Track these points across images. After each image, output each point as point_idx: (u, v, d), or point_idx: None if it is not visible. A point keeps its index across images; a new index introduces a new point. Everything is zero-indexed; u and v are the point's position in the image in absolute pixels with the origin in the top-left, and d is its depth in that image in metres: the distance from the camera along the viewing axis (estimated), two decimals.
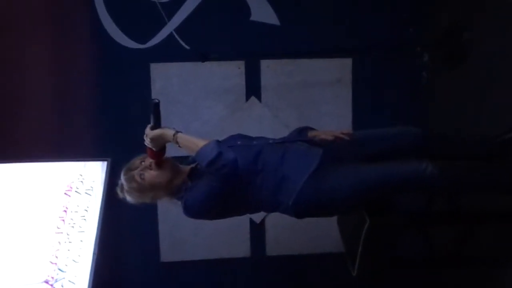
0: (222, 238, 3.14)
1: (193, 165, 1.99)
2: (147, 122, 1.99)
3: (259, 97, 3.08)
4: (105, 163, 2.65)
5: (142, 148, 2.04)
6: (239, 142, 1.94)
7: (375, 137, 2.00)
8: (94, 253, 2.41)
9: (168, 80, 3.01)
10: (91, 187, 2.59)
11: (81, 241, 2.45)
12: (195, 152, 1.82)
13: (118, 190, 1.94)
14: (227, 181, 1.79)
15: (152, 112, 1.83)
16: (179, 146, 1.86)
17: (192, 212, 1.90)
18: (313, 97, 3.08)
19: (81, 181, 2.59)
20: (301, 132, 2.08)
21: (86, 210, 2.51)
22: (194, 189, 1.87)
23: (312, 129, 2.11)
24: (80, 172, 2.60)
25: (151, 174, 1.88)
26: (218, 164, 1.76)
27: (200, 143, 1.82)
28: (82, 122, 2.92)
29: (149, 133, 1.86)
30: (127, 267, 3.11)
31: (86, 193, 2.57)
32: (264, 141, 1.96)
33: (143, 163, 1.91)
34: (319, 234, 3.08)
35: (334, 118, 3.06)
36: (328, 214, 2.00)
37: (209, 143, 1.81)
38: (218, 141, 1.84)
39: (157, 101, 1.80)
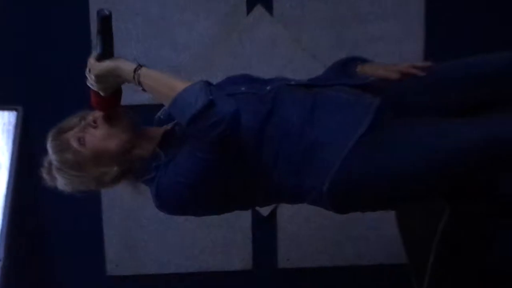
0: (207, 241, 3.17)
1: (167, 126, 1.96)
2: (86, 50, 1.99)
3: (269, 8, 3.03)
4: (14, 113, 2.79)
5: (75, 97, 2.05)
6: (243, 88, 1.91)
7: (471, 72, 1.96)
8: None
9: None
10: None
11: None
12: (169, 99, 1.76)
13: (44, 172, 1.92)
14: (223, 151, 1.75)
15: (98, 31, 1.78)
16: (143, 89, 1.81)
17: (169, 203, 1.87)
18: (359, 9, 3.02)
19: None
20: (345, 68, 2.06)
21: None
22: (171, 165, 1.83)
23: (362, 61, 2.07)
24: None
25: (96, 136, 1.86)
26: (208, 121, 1.70)
27: (179, 84, 1.76)
28: None
29: (95, 67, 1.81)
30: (55, 281, 3.19)
31: None
32: (283, 84, 1.93)
33: (83, 121, 1.88)
34: (360, 236, 3.13)
35: (393, 43, 3.01)
36: (385, 204, 1.96)
37: (192, 86, 1.75)
38: (207, 83, 1.78)
39: (107, 13, 1.75)
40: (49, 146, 1.90)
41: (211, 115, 1.70)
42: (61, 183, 1.91)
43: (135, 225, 3.11)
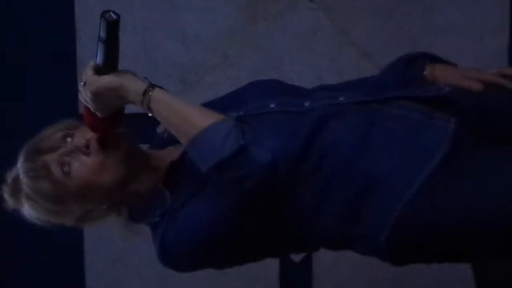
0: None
1: (173, 154, 1.94)
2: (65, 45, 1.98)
3: None
4: None
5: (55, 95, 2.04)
6: (272, 105, 1.86)
7: None
8: None
9: None
10: None
11: None
12: (187, 136, 1.75)
13: (7, 192, 1.90)
14: (252, 208, 1.75)
15: (101, 40, 1.77)
16: (151, 115, 1.79)
17: (178, 263, 1.86)
18: None
19: None
20: (408, 70, 2.02)
21: None
22: (181, 215, 1.82)
23: (432, 59, 2.01)
24: None
25: (87, 166, 1.83)
26: (236, 172, 1.70)
27: (200, 119, 1.74)
28: None
29: (92, 82, 1.78)
30: None
31: None
32: (327, 99, 1.87)
33: (69, 139, 1.86)
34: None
35: (468, 36, 3.02)
36: (458, 257, 1.93)
37: (218, 124, 1.73)
38: (239, 121, 1.76)
39: (114, 17, 1.75)
40: (21, 167, 1.86)
41: (241, 166, 1.68)
42: (29, 213, 1.87)
43: (126, 270, 3.10)
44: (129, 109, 1.93)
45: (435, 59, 2.02)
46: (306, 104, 1.85)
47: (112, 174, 1.84)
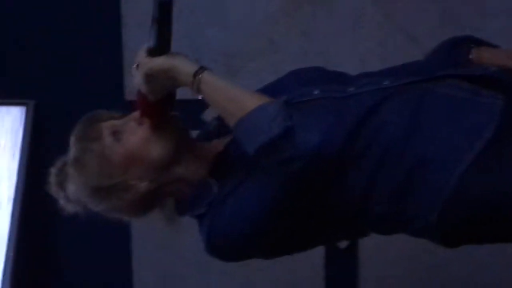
0: (265, 280, 3.14)
1: (219, 145, 1.96)
2: (114, 34, 2.11)
3: None
4: (23, 109, 2.91)
5: (99, 89, 2.31)
6: (316, 92, 1.87)
7: None
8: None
9: None
10: None
11: None
12: (234, 118, 1.77)
13: (52, 174, 1.93)
14: (300, 190, 1.76)
15: (155, 20, 1.79)
16: (200, 97, 1.81)
17: (225, 253, 1.88)
18: None
19: None
20: (454, 53, 2.01)
21: None
22: (228, 204, 1.83)
23: (478, 43, 2.02)
24: None
25: (138, 135, 1.87)
26: (283, 154, 1.70)
27: (248, 101, 1.76)
28: None
29: (146, 63, 1.81)
30: None
31: None
32: (372, 84, 1.88)
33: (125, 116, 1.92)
34: (466, 278, 3.07)
35: None
36: None
37: (266, 105, 1.74)
38: (287, 103, 1.76)
39: None
40: (74, 134, 1.89)
41: (288, 147, 1.68)
42: (71, 187, 1.89)
43: (172, 255, 3.11)
44: (177, 94, 1.94)
45: (480, 43, 2.02)
46: (351, 89, 1.85)
47: (159, 149, 1.85)
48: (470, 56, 1.97)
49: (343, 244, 3.05)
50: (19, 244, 2.77)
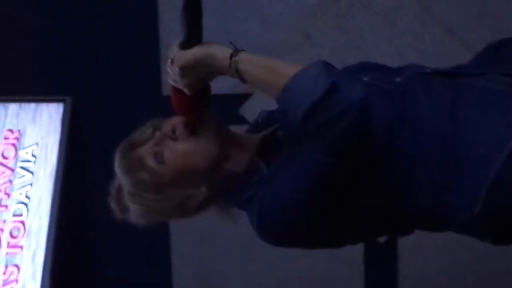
0: (304, 275, 3.16)
1: (266, 131, 1.94)
2: (150, 31, 2.04)
3: None
4: (61, 105, 2.95)
5: (135, 86, 2.24)
6: (365, 79, 1.88)
7: None
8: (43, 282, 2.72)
9: None
10: (33, 154, 2.92)
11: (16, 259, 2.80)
12: (278, 88, 1.74)
13: (113, 201, 1.93)
14: (348, 152, 1.73)
15: (184, 10, 1.78)
16: (243, 81, 1.79)
17: (274, 230, 1.84)
18: None
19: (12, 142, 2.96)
20: (498, 53, 2.00)
21: (28, 198, 2.87)
22: (276, 178, 1.81)
23: None
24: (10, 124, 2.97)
25: (178, 150, 1.86)
26: (331, 110, 1.67)
27: (288, 69, 1.74)
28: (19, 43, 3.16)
29: (180, 56, 1.80)
30: None
31: (22, 166, 2.91)
32: (415, 73, 1.90)
33: (157, 132, 1.88)
34: (510, 272, 3.08)
35: None
36: None
37: (307, 68, 1.72)
38: (327, 63, 1.74)
39: None
40: (118, 166, 1.89)
41: (336, 102, 1.66)
42: (135, 213, 1.89)
43: (210, 251, 3.16)
44: (212, 90, 1.91)
45: None
46: (398, 79, 1.85)
47: (205, 155, 1.85)
48: None
49: (382, 238, 2.99)
50: (59, 238, 2.80)
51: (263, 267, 3.15)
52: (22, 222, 2.81)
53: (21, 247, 2.80)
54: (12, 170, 2.89)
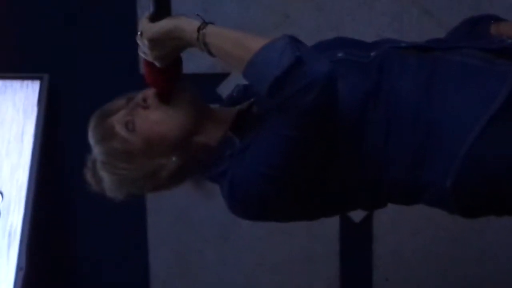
0: (281, 253, 3.18)
1: (241, 106, 1.95)
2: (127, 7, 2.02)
3: None
4: (37, 83, 2.92)
5: (116, 61, 2.28)
6: (340, 55, 1.88)
7: None
8: (19, 269, 2.64)
9: None
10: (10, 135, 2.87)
11: None
12: (244, 62, 1.74)
13: (89, 174, 1.94)
14: (315, 125, 1.73)
15: None
16: (211, 54, 1.79)
17: (245, 204, 1.84)
18: None
19: None
20: (474, 29, 2.04)
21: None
22: (248, 152, 1.82)
23: (498, 20, 2.03)
24: None
25: (148, 119, 1.87)
26: (296, 84, 1.68)
27: (255, 43, 1.74)
28: None
29: (148, 29, 1.81)
30: None
31: None
32: (391, 46, 1.89)
33: (131, 103, 1.89)
34: (482, 252, 3.09)
35: None
36: None
37: (273, 42, 1.72)
38: (293, 38, 1.74)
39: None
40: (91, 135, 1.89)
41: (300, 77, 1.66)
42: (108, 184, 1.90)
43: (187, 230, 3.15)
44: (190, 68, 1.92)
45: (499, 19, 2.01)
46: (372, 54, 1.85)
47: (175, 125, 1.86)
48: (490, 31, 1.97)
49: (357, 218, 3.07)
50: (35, 214, 2.77)
51: (240, 246, 3.16)
52: None
53: None
54: None
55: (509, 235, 2.96)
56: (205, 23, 1.75)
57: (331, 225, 3.10)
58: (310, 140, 1.74)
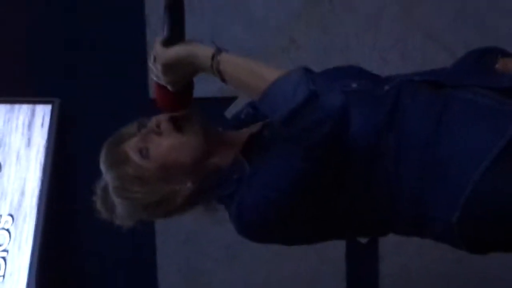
0: (288, 274, 3.18)
1: (252, 129, 1.96)
2: (138, 32, 2.10)
3: None
4: (49, 106, 2.95)
5: (124, 88, 2.29)
6: (354, 85, 1.90)
7: None
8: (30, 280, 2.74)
9: None
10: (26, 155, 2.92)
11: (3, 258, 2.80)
12: (259, 92, 1.74)
13: (99, 201, 1.93)
14: (326, 158, 1.73)
15: (166, 8, 1.78)
16: (224, 81, 1.79)
17: (253, 227, 1.84)
18: None
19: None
20: (481, 62, 2.01)
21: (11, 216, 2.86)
22: (257, 177, 1.81)
23: (506, 55, 2.01)
24: None
25: (163, 146, 1.86)
26: (310, 117, 1.68)
27: (270, 73, 1.74)
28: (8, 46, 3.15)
29: (162, 54, 1.80)
30: None
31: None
32: (403, 81, 1.90)
33: (142, 130, 1.89)
34: (487, 273, 3.08)
35: None
36: None
37: (289, 74, 1.72)
38: (307, 70, 1.75)
39: None
40: (103, 161, 1.89)
41: (314, 111, 1.67)
42: (120, 209, 1.90)
43: (195, 251, 3.17)
44: (200, 92, 1.92)
45: (507, 54, 2.01)
46: (386, 87, 1.86)
47: (189, 151, 1.86)
48: (496, 66, 1.97)
49: (364, 239, 3.04)
50: (45, 237, 2.80)
51: (248, 266, 3.16)
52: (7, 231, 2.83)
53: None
54: None
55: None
56: (219, 50, 1.76)
57: (338, 246, 3.10)
58: (319, 171, 1.74)
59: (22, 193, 2.87)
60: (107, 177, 1.89)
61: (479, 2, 2.96)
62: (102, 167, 1.90)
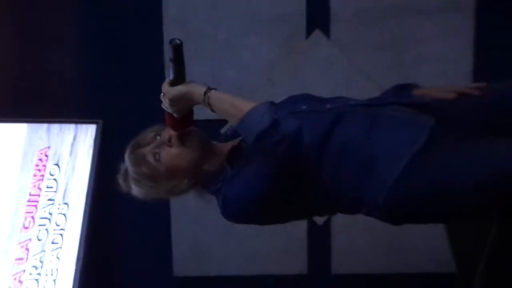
0: (266, 247, 3.28)
1: (234, 142, 2.02)
2: (160, 69, 2.11)
3: (327, 32, 3.13)
4: (94, 126, 2.96)
5: (148, 111, 2.12)
6: (304, 107, 1.95)
7: None
8: (78, 259, 2.68)
9: (188, 3, 3.15)
10: (72, 163, 2.85)
11: (58, 243, 2.72)
12: (237, 119, 1.83)
13: (120, 179, 2.00)
14: (286, 166, 1.81)
15: (171, 59, 1.83)
16: (212, 110, 1.88)
17: (234, 213, 1.92)
18: (412, 32, 3.07)
19: (57, 155, 2.85)
20: (401, 91, 2.09)
21: (66, 204, 2.80)
22: (237, 178, 1.89)
23: (417, 86, 2.11)
24: (53, 142, 2.87)
25: (171, 154, 1.92)
26: (272, 138, 1.76)
27: (245, 106, 1.82)
28: (58, 72, 3.20)
29: (168, 91, 1.87)
30: (126, 280, 3.35)
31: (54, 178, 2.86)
32: (343, 104, 1.96)
33: (158, 137, 1.95)
34: (410, 245, 3.20)
35: (445, 64, 3.05)
36: (439, 218, 1.96)
37: (258, 107, 1.81)
38: (272, 104, 1.86)
39: (178, 42, 1.79)
40: (127, 158, 1.95)
41: (276, 133, 1.75)
42: (136, 191, 1.97)
43: (201, 229, 3.26)
44: (202, 115, 1.99)
45: (419, 86, 2.08)
46: (328, 106, 1.93)
47: (189, 159, 1.92)
48: (413, 93, 2.04)
49: (320, 221, 3.23)
50: (89, 220, 2.82)
51: (240, 241, 3.27)
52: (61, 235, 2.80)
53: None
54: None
55: (426, 234, 2.99)
56: (209, 89, 1.83)
57: (301, 226, 3.25)
58: (281, 175, 1.81)
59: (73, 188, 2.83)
60: (129, 170, 1.95)
61: (406, 53, 3.04)
62: (126, 162, 1.96)
